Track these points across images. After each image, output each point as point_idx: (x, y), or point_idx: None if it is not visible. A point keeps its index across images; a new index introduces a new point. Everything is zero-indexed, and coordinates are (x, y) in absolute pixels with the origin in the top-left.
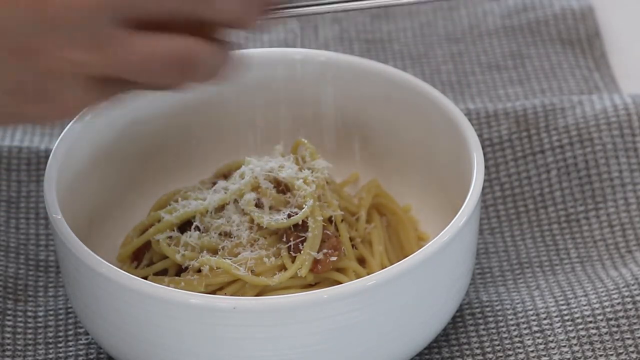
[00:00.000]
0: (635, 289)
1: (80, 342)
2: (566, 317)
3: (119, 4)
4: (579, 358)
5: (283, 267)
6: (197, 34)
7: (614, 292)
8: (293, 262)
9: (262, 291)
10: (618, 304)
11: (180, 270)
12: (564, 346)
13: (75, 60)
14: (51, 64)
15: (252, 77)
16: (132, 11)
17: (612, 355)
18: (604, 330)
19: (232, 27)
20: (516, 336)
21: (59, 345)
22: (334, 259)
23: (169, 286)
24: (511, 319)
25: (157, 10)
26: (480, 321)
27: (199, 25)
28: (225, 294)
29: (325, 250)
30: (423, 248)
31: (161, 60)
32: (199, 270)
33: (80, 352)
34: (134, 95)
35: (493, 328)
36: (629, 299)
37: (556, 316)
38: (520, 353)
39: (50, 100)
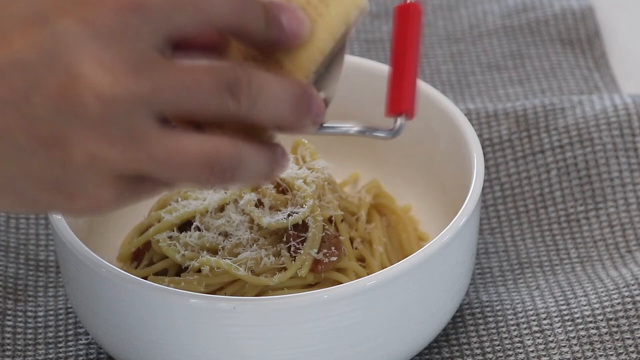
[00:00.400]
0: (635, 289)
1: (80, 342)
2: (566, 317)
3: (154, 99)
4: (579, 358)
5: (283, 267)
6: (245, 134)
7: (614, 292)
8: (293, 262)
9: (262, 291)
10: (618, 304)
11: (180, 270)
12: (564, 346)
13: (98, 156)
14: (79, 157)
15: None
16: (168, 107)
17: (612, 355)
18: (604, 330)
19: (280, 130)
20: (516, 336)
21: (59, 345)
22: (334, 259)
23: (169, 286)
24: (511, 319)
25: (195, 109)
26: (480, 321)
27: (247, 126)
28: (225, 294)
29: (325, 251)
30: (423, 248)
31: (193, 160)
32: (199, 270)
33: (80, 352)
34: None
35: (493, 328)
36: (629, 299)
37: (556, 316)
38: (520, 353)
39: (76, 194)
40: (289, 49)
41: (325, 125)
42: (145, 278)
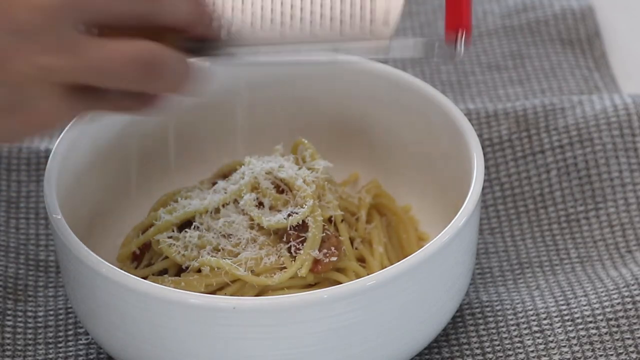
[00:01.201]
0: (635, 289)
1: (80, 342)
2: (566, 317)
3: (79, 4)
4: (579, 358)
5: (283, 267)
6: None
7: (614, 292)
8: (293, 262)
9: (262, 291)
10: (618, 304)
11: (180, 270)
12: (564, 346)
13: (43, 65)
14: (20, 71)
15: (252, 77)
16: (92, 14)
17: (612, 355)
18: (604, 330)
19: (187, 32)
20: (516, 336)
21: (59, 345)
22: (334, 259)
23: (169, 286)
24: (511, 319)
25: (115, 12)
26: (480, 321)
27: (158, 37)
28: (225, 294)
29: (325, 251)
30: (423, 248)
31: (128, 60)
32: (199, 271)
33: (80, 352)
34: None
35: (493, 328)
36: (629, 299)
37: (556, 316)
38: (520, 353)
39: (25, 112)
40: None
41: (392, 41)
42: (145, 278)
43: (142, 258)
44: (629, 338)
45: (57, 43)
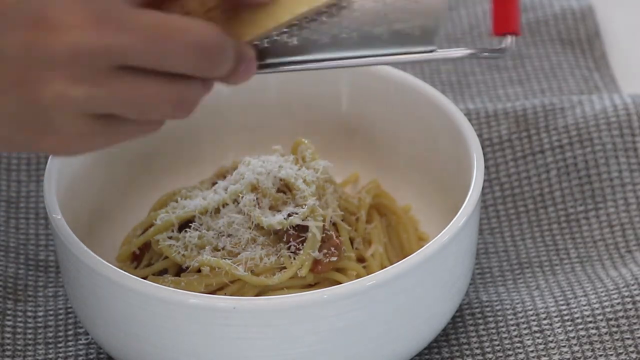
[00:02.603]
0: (635, 289)
1: (80, 342)
2: (566, 317)
3: (118, 52)
4: (579, 358)
5: (283, 267)
6: None
7: (613, 292)
8: (293, 262)
9: (262, 291)
10: (618, 304)
11: (180, 270)
12: (564, 346)
13: (69, 94)
14: (47, 96)
15: (252, 78)
16: (131, 60)
17: (612, 355)
18: (604, 330)
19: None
20: (516, 336)
21: (59, 345)
22: (334, 259)
23: (169, 286)
24: (511, 319)
25: (157, 64)
26: (480, 321)
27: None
28: (225, 294)
29: (325, 251)
30: (423, 248)
31: (152, 100)
32: (199, 271)
33: (80, 352)
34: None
35: (493, 328)
36: (628, 299)
37: (556, 316)
38: (520, 353)
39: (54, 133)
40: (249, 5)
41: (436, 50)
42: (145, 278)
43: (142, 258)
44: (629, 338)
45: (84, 77)
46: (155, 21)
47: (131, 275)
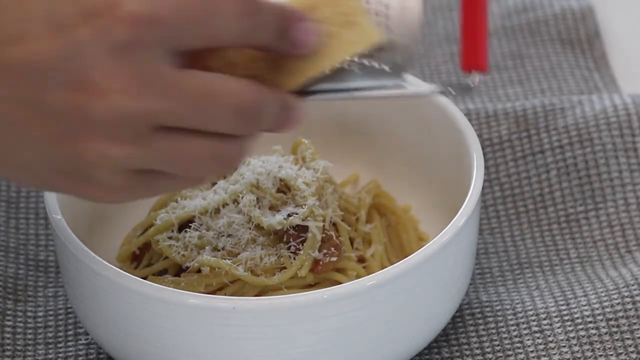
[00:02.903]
0: (635, 289)
1: (80, 342)
2: (566, 318)
3: (160, 115)
4: (579, 358)
5: (283, 267)
6: None
7: (613, 292)
8: (293, 262)
9: (262, 291)
10: (618, 304)
11: (180, 270)
12: (564, 346)
13: (111, 155)
14: (88, 154)
15: None
16: (172, 122)
17: (612, 355)
18: (604, 330)
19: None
20: (516, 336)
21: (59, 345)
22: (334, 259)
23: (169, 286)
24: (511, 319)
25: (199, 126)
26: (480, 321)
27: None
28: (225, 294)
29: (325, 251)
30: (423, 248)
31: (191, 159)
32: (199, 271)
33: (80, 352)
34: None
35: (493, 328)
36: (628, 299)
37: (556, 316)
38: (520, 353)
39: (96, 185)
40: (292, 55)
41: (403, 84)
42: (145, 278)
43: (142, 258)
44: (629, 338)
45: (126, 139)
46: (197, 85)
47: (131, 276)
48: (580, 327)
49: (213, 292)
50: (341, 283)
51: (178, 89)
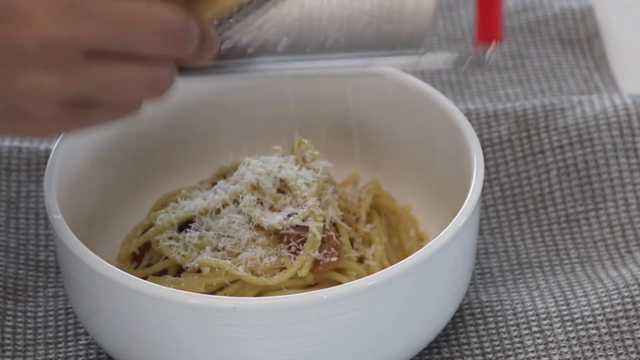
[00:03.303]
0: (635, 289)
1: (80, 342)
2: (566, 318)
3: (87, 38)
4: (579, 358)
5: (283, 267)
6: None
7: (613, 292)
8: (293, 262)
9: (262, 291)
10: (618, 304)
11: (180, 270)
12: (564, 346)
13: (43, 83)
14: (21, 86)
15: (252, 77)
16: (100, 46)
17: (612, 355)
18: (604, 330)
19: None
20: (516, 336)
21: (59, 345)
22: (334, 259)
23: (169, 286)
24: (511, 319)
25: (125, 49)
26: (480, 321)
27: None
28: (225, 294)
29: (325, 251)
30: (423, 248)
31: (123, 82)
32: (199, 271)
33: (80, 352)
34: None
35: (493, 328)
36: (628, 300)
37: (556, 316)
38: (520, 353)
39: (28, 119)
40: None
41: (423, 56)
42: (145, 278)
43: (142, 258)
44: (629, 338)
45: (56, 65)
46: (120, 8)
47: (131, 276)
48: (580, 327)
49: (213, 292)
50: (341, 283)
51: (103, 12)
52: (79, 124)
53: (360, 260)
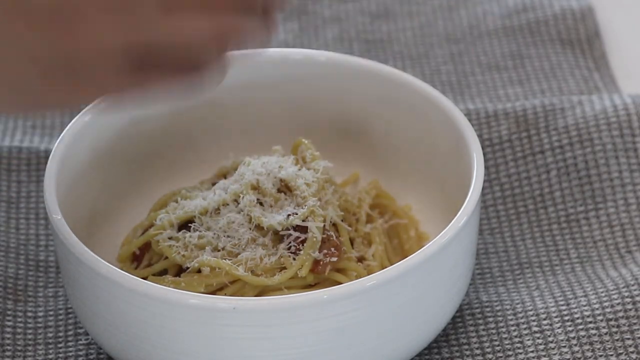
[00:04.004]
0: (635, 289)
1: (80, 342)
2: (566, 318)
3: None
4: (579, 358)
5: (283, 267)
6: None
7: (613, 292)
8: (293, 262)
9: (262, 291)
10: (618, 304)
11: (180, 270)
12: (564, 346)
13: (111, 33)
14: (84, 36)
15: (252, 77)
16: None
17: (612, 355)
18: (604, 330)
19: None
20: (516, 336)
21: (59, 345)
22: (334, 259)
23: (169, 286)
24: (511, 320)
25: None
26: (480, 321)
27: None
28: (225, 294)
29: (325, 251)
30: (423, 248)
31: (193, 32)
32: (199, 271)
33: (80, 352)
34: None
35: (493, 328)
36: (628, 300)
37: (556, 316)
38: (520, 353)
39: (87, 76)
40: None
41: None
42: (145, 278)
43: (142, 258)
44: (629, 338)
45: (124, 16)
46: None
47: (131, 276)
48: (580, 327)
49: (213, 292)
50: (341, 283)
51: None
52: (140, 83)
53: (360, 260)
